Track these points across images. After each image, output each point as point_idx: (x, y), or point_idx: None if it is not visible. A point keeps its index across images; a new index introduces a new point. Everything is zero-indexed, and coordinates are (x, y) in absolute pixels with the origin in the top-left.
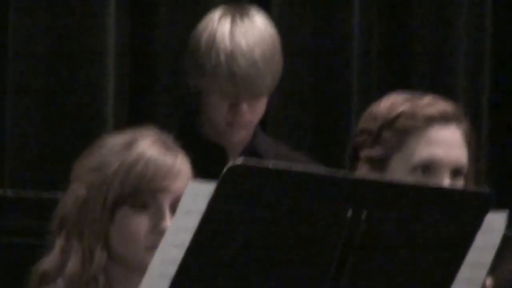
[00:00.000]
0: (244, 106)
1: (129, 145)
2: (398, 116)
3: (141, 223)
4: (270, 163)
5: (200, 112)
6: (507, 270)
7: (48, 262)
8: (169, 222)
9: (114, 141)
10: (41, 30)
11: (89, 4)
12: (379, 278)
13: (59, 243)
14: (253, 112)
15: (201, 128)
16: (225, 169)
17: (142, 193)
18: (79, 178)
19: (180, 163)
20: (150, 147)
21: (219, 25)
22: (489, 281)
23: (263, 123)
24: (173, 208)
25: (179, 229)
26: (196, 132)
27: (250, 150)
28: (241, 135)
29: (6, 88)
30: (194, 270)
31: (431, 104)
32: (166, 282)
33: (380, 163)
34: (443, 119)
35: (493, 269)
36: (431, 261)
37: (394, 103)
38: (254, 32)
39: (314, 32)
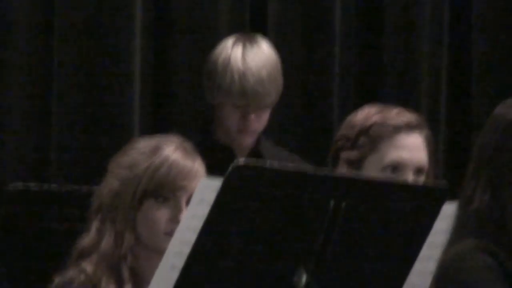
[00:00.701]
0: (252, 116)
1: (156, 149)
2: (372, 125)
3: (162, 213)
4: (267, 163)
5: (214, 121)
6: None
7: (86, 240)
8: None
9: (144, 145)
10: (81, 64)
11: (118, 42)
12: (356, 254)
13: (95, 225)
14: (259, 121)
15: (215, 134)
16: (230, 168)
17: (165, 190)
18: (114, 173)
19: (197, 167)
20: (173, 152)
21: (233, 51)
22: None
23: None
24: (189, 202)
25: (193, 216)
26: (211, 137)
27: (255, 152)
28: (248, 141)
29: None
30: (205, 249)
31: (399, 115)
32: (182, 259)
33: (356, 164)
34: (408, 127)
35: None
36: (399, 241)
37: (368, 113)
38: (261, 56)
39: (302, 64)
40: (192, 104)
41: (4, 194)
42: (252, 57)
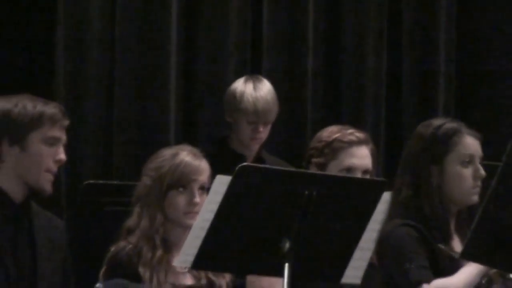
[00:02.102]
0: (261, 128)
1: (175, 155)
2: (334, 140)
3: (181, 199)
4: (263, 165)
5: (231, 135)
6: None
7: (131, 221)
8: (197, 198)
9: (166, 153)
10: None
11: (157, 70)
12: (323, 226)
13: (136, 210)
14: (265, 132)
15: (231, 145)
16: (237, 168)
17: (182, 182)
18: (146, 174)
19: (203, 165)
20: (186, 156)
21: (246, 85)
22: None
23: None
24: (200, 190)
25: (211, 201)
26: (228, 147)
27: (259, 158)
28: (256, 147)
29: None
30: (219, 225)
31: (352, 133)
32: (204, 232)
33: (322, 167)
34: (359, 142)
35: None
36: (353, 218)
37: (331, 132)
38: (266, 88)
39: (287, 94)
40: (214, 117)
41: (80, 188)
42: (261, 87)
